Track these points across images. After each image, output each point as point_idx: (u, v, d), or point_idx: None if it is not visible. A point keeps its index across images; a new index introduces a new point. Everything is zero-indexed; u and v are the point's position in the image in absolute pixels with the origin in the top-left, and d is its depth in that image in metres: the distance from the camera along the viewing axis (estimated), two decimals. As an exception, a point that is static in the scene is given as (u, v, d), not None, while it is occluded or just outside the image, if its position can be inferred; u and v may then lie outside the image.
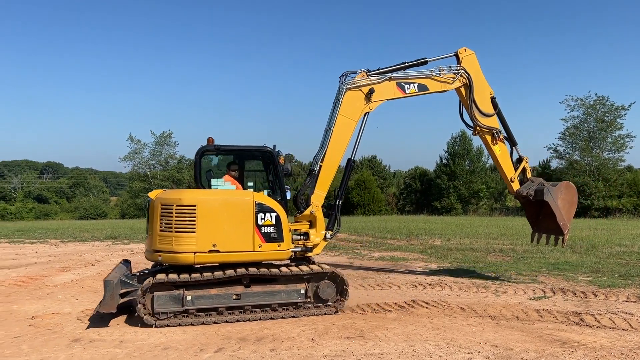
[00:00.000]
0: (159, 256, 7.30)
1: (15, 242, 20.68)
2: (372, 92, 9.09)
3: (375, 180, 53.78)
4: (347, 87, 8.95)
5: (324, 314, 7.67)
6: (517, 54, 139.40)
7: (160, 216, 7.28)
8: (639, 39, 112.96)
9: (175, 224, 7.18)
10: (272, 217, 7.55)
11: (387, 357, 5.66)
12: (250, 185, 8.61)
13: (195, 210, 7.21)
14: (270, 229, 7.54)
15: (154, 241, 7.35)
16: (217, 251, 7.28)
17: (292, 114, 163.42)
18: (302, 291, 7.63)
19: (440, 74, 9.81)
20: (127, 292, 7.14)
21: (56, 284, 10.69)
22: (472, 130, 10.43)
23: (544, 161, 50.00)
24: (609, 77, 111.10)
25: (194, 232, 7.19)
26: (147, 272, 8.04)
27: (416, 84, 9.61)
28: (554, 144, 46.45)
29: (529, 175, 10.67)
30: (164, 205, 7.30)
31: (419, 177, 56.35)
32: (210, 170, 8.43)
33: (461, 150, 51.46)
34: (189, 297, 7.12)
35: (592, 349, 5.91)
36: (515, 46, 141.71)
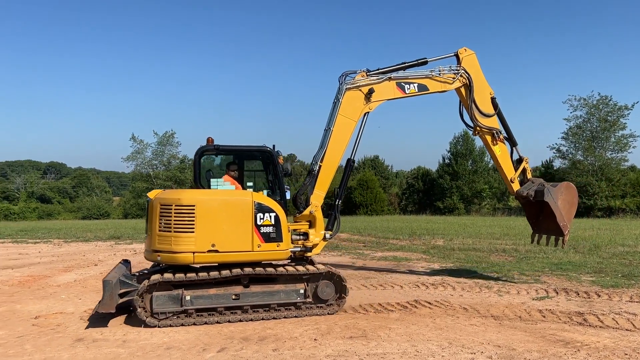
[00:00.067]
0: (158, 256, 7.29)
1: (18, 242, 20.75)
2: (371, 92, 9.07)
3: (377, 180, 53.80)
4: (347, 87, 8.94)
5: (323, 314, 7.65)
6: (518, 53, 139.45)
7: (159, 216, 7.27)
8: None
9: (174, 224, 7.17)
10: (271, 217, 7.54)
11: (389, 357, 5.65)
12: (249, 185, 8.60)
13: (194, 210, 7.20)
14: (269, 229, 7.51)
15: (153, 241, 7.34)
16: (216, 251, 7.26)
17: (294, 114, 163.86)
18: (301, 291, 7.61)
19: (440, 74, 9.79)
20: (126, 292, 7.13)
21: (59, 283, 10.72)
22: (472, 130, 10.42)
23: (547, 161, 50.04)
24: (612, 77, 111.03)
25: (193, 232, 7.18)
26: (146, 272, 8.03)
27: (416, 84, 9.58)
28: (556, 143, 46.48)
29: (529, 175, 10.65)
30: (163, 205, 7.29)
31: (422, 177, 56.36)
32: (209, 170, 8.41)
33: (464, 150, 51.44)
34: (188, 297, 7.11)
35: (595, 349, 5.90)
36: (515, 46, 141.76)
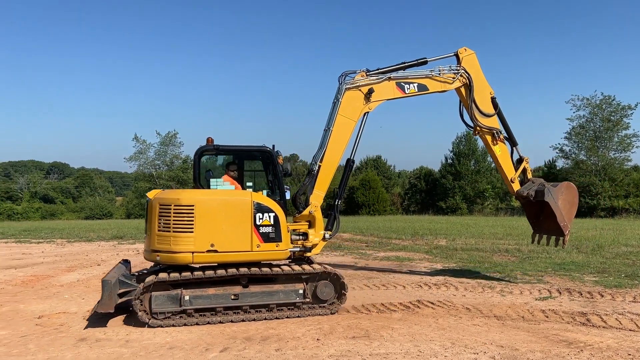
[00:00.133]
0: (157, 256, 7.28)
1: (21, 242, 20.80)
2: (371, 92, 9.05)
3: (380, 180, 53.80)
4: (347, 87, 8.92)
5: (322, 314, 7.64)
6: (518, 53, 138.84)
7: (158, 216, 7.27)
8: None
9: (173, 224, 7.17)
10: (270, 217, 7.52)
11: (392, 357, 5.65)
12: (249, 185, 8.58)
13: (193, 210, 7.19)
14: (268, 229, 7.50)
15: (152, 241, 7.33)
16: (215, 251, 7.26)
17: (296, 114, 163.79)
18: (300, 291, 7.59)
19: (440, 74, 9.78)
20: (125, 292, 7.13)
21: (62, 283, 10.75)
22: (472, 130, 10.41)
23: (550, 161, 49.95)
24: (614, 77, 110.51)
25: (192, 232, 7.17)
26: (146, 272, 8.03)
27: (416, 84, 9.57)
28: (559, 143, 46.41)
29: (530, 175, 10.62)
30: (162, 205, 7.29)
31: (424, 177, 56.31)
32: (209, 170, 8.40)
33: (466, 150, 51.36)
34: (187, 297, 7.11)
35: (598, 350, 5.89)
36: (516, 46, 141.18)
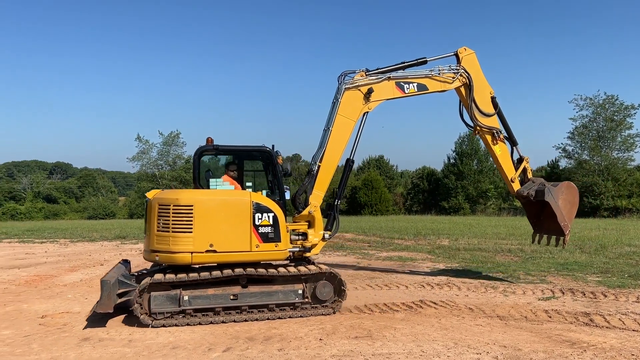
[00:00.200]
0: (156, 256, 7.27)
1: (25, 242, 20.87)
2: (371, 91, 9.04)
3: (382, 180, 53.80)
4: (346, 87, 8.91)
5: (321, 314, 7.63)
6: (518, 53, 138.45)
7: (157, 216, 7.26)
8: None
9: (172, 224, 7.16)
10: (269, 217, 7.51)
11: (395, 357, 5.65)
12: (249, 185, 8.57)
13: (192, 210, 7.19)
14: (267, 229, 7.49)
15: (152, 241, 7.32)
16: (214, 251, 7.25)
17: (297, 114, 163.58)
18: (300, 291, 7.58)
19: (439, 74, 9.76)
20: (125, 292, 7.12)
21: (65, 283, 10.78)
22: (472, 130, 10.40)
23: (553, 161, 49.86)
24: (616, 77, 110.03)
25: (191, 232, 7.16)
26: (145, 272, 8.02)
27: (415, 84, 9.56)
28: (562, 143, 46.33)
29: (530, 175, 10.60)
30: (161, 205, 7.28)
31: (427, 176, 56.27)
32: (209, 170, 8.39)
33: (469, 149, 51.31)
34: (186, 297, 7.10)
35: (601, 350, 5.87)
36: (516, 46, 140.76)
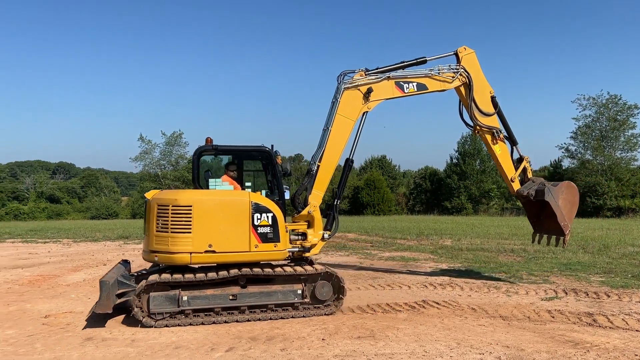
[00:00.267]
0: (156, 256, 7.27)
1: (28, 242, 20.93)
2: (370, 91, 9.02)
3: (385, 180, 53.77)
4: (345, 87, 8.89)
5: (324, 314, 7.62)
6: (519, 53, 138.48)
7: (156, 216, 7.26)
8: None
9: (171, 225, 7.16)
10: (268, 217, 7.50)
11: (397, 358, 5.65)
12: (248, 185, 8.56)
13: (191, 210, 7.18)
14: (266, 229, 7.48)
15: (151, 241, 7.32)
16: (213, 251, 7.24)
17: (296, 114, 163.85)
18: (299, 291, 7.57)
19: (439, 73, 9.74)
20: (124, 293, 7.12)
21: (69, 283, 10.80)
22: (472, 129, 10.38)
23: (555, 160, 49.76)
24: (618, 76, 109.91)
25: (190, 232, 7.16)
26: (145, 272, 8.03)
27: (415, 83, 9.53)
28: (565, 143, 46.28)
29: (530, 175, 10.56)
30: (160, 205, 7.28)
31: (429, 176, 56.24)
32: (208, 170, 8.38)
33: (472, 149, 51.24)
34: (185, 298, 7.11)
35: (604, 350, 5.86)
36: (516, 46, 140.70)
